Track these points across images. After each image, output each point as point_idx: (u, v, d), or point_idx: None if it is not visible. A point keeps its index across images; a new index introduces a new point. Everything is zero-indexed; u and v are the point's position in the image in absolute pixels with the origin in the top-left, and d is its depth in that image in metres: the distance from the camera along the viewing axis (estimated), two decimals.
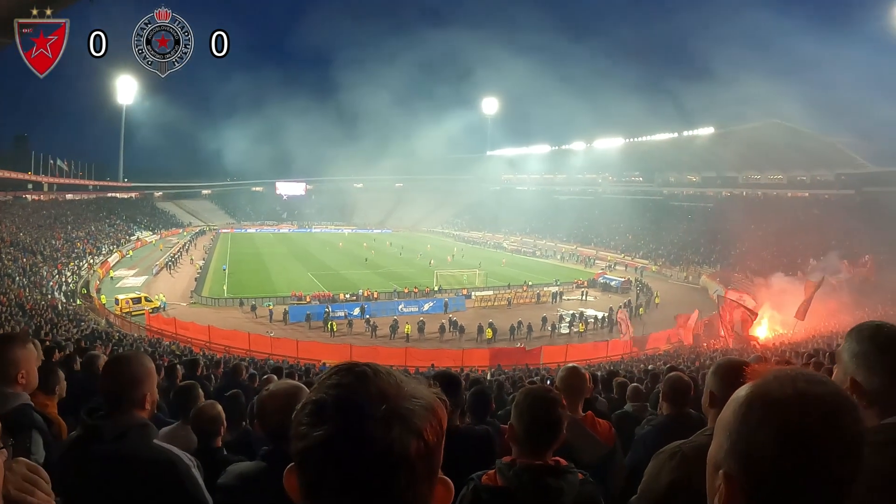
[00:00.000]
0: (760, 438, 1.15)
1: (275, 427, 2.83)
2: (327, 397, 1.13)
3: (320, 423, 1.10)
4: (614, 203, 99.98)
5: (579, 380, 4.24)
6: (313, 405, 1.14)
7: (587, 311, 48.90)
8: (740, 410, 1.22)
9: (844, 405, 1.18)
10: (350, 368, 1.19)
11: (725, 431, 1.24)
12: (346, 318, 43.68)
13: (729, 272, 61.66)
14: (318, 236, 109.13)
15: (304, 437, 1.12)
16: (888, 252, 49.15)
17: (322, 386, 1.17)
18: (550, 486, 2.70)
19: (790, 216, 69.31)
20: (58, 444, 3.29)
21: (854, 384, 1.99)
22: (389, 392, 1.15)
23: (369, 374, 1.17)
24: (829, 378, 1.26)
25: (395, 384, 1.17)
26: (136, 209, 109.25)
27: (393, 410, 1.12)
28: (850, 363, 2.04)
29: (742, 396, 1.24)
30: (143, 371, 2.97)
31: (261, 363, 23.93)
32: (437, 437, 1.17)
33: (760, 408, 1.18)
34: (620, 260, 78.08)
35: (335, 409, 1.11)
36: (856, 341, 2.05)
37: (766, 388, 1.21)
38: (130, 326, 38.98)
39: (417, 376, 1.32)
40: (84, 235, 75.42)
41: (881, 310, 39.50)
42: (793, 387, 1.19)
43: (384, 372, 1.19)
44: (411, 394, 1.17)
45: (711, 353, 30.94)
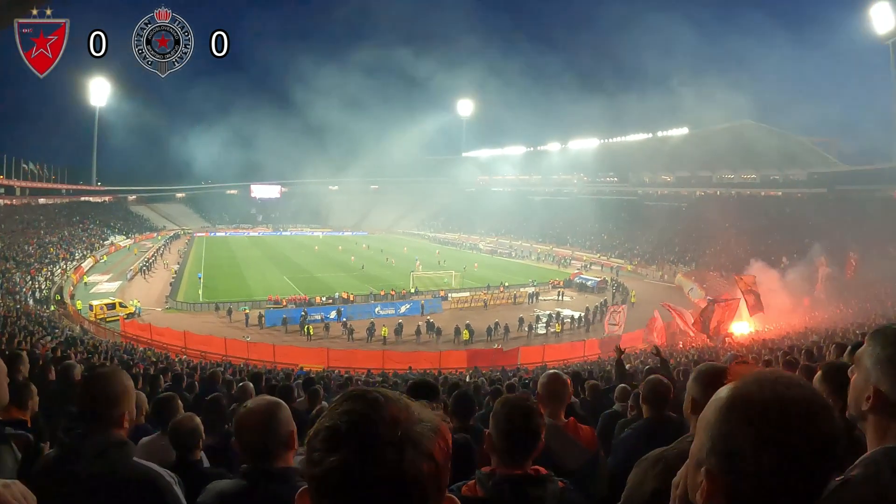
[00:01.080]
0: (740, 438, 1.23)
1: (252, 445, 2.78)
2: (341, 423, 1.15)
3: (335, 450, 1.12)
4: (589, 203, 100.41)
5: (561, 386, 4.23)
6: (327, 432, 1.16)
7: (563, 311, 49.09)
8: (721, 411, 1.28)
9: (819, 407, 1.25)
10: (362, 395, 1.21)
11: (707, 431, 1.30)
12: (323, 321, 43.49)
13: (704, 271, 62.19)
14: (292, 239, 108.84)
15: (319, 463, 1.14)
16: (860, 249, 49.74)
17: (334, 413, 1.19)
18: (531, 495, 2.70)
19: (764, 215, 69.98)
20: (33, 460, 3.23)
21: (877, 394, 1.77)
22: (401, 417, 1.17)
23: (381, 401, 1.19)
24: (806, 381, 1.32)
25: (404, 409, 1.20)
26: (109, 213, 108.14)
27: (405, 434, 1.14)
28: (873, 370, 1.81)
29: (723, 397, 1.30)
30: (122, 388, 2.93)
31: (239, 368, 23.80)
32: (445, 458, 1.20)
33: (741, 409, 1.25)
34: (596, 260, 78.46)
35: (349, 434, 1.13)
36: (881, 345, 1.81)
37: (747, 390, 1.28)
38: (105, 333, 38.48)
39: (422, 403, 1.32)
40: (57, 240, 74.54)
41: (855, 306, 40.01)
42: (772, 389, 1.25)
43: (394, 398, 1.22)
44: (420, 418, 1.20)
45: (686, 351, 31.11)
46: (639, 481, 2.81)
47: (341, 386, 13.51)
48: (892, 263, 43.97)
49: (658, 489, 2.69)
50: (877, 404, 1.77)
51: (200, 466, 4.16)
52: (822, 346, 16.57)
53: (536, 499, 2.69)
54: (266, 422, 2.77)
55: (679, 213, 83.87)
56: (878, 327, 1.91)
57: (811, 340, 24.10)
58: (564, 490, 2.78)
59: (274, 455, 2.76)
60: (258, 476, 2.75)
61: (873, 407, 1.78)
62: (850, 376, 1.98)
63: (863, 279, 43.56)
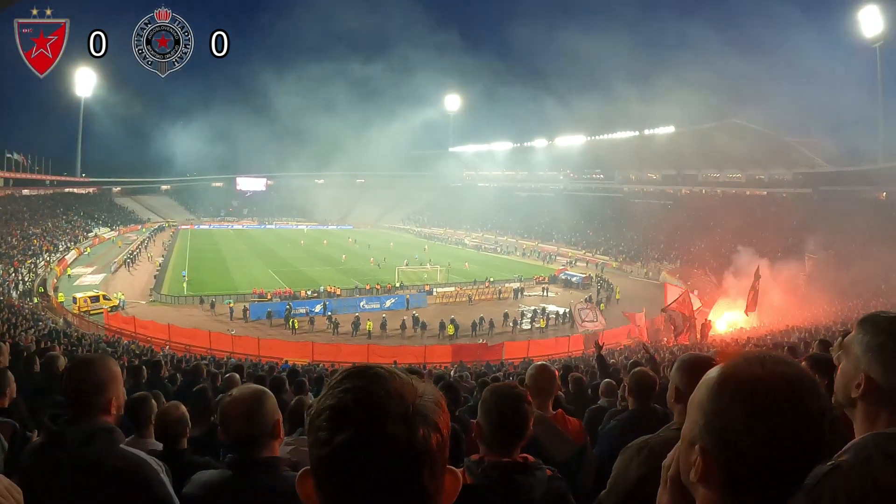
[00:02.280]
0: (732, 414, 1.26)
1: (238, 434, 2.78)
2: (347, 401, 1.12)
3: (343, 428, 1.10)
4: (575, 200, 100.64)
5: (549, 378, 4.24)
6: (332, 411, 1.13)
7: (548, 307, 49.23)
8: (713, 390, 1.31)
9: (807, 383, 1.28)
10: (363, 371, 1.19)
11: (700, 409, 1.33)
12: (308, 315, 43.38)
13: (688, 268, 62.51)
14: (277, 232, 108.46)
15: (327, 442, 1.10)
16: (845, 249, 50.08)
17: (335, 391, 1.16)
18: (519, 482, 2.71)
19: (748, 214, 70.30)
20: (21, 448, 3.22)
21: (868, 381, 1.78)
22: (405, 390, 1.16)
23: (384, 375, 1.17)
24: (792, 359, 1.35)
25: (407, 382, 1.18)
26: (93, 205, 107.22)
27: (413, 407, 1.13)
28: (863, 357, 1.81)
29: (714, 377, 1.33)
30: (109, 374, 2.91)
31: (222, 362, 23.72)
32: (448, 429, 1.20)
33: (732, 386, 1.28)
34: (581, 256, 78.60)
35: (357, 411, 1.10)
36: (871, 333, 1.81)
37: (737, 369, 1.31)
38: (89, 325, 38.26)
39: (418, 377, 1.30)
40: (41, 232, 73.80)
41: (839, 305, 40.26)
42: (761, 367, 1.29)
43: (395, 372, 1.20)
44: (422, 391, 1.19)
45: (671, 348, 31.23)
46: (623, 468, 2.83)
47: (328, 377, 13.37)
48: (875, 264, 44.30)
49: (642, 476, 2.71)
50: (867, 391, 1.78)
51: (187, 456, 4.14)
52: (807, 342, 16.67)
53: (524, 486, 2.70)
54: (251, 411, 2.77)
55: (664, 210, 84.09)
56: (868, 315, 1.91)
57: (795, 338, 24.28)
58: (552, 478, 2.79)
59: (259, 444, 2.76)
60: (243, 465, 2.76)
61: (864, 393, 1.79)
62: (837, 364, 1.98)
63: (847, 279, 43.83)
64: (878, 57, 65.57)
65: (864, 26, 64.91)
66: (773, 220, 65.97)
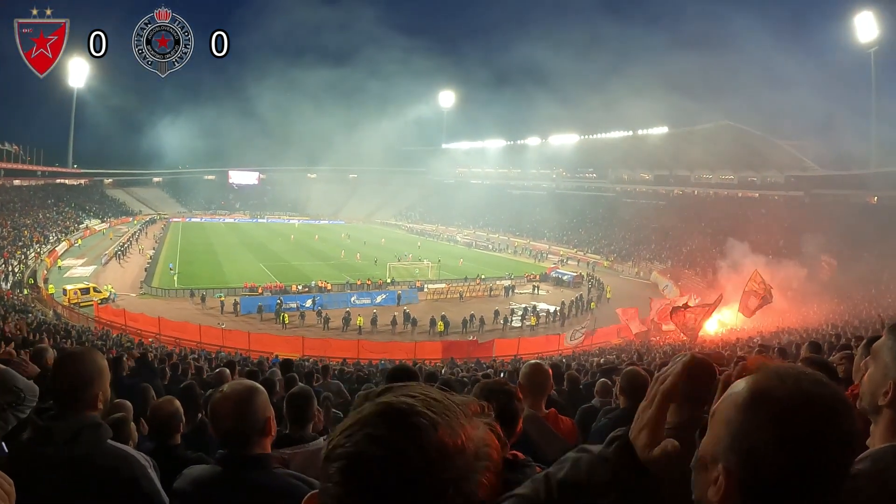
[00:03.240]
0: (764, 436, 1.16)
1: (228, 430, 2.75)
2: (369, 455, 0.92)
3: (357, 492, 0.91)
4: (568, 198, 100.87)
5: (542, 376, 4.23)
6: (349, 461, 0.93)
7: (539, 304, 49.32)
8: (743, 407, 1.22)
9: (843, 406, 1.20)
10: (403, 419, 0.95)
11: (726, 426, 1.24)
12: (299, 309, 43.35)
13: (679, 268, 62.70)
14: (269, 226, 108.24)
15: (336, 500, 0.93)
16: (836, 252, 50.27)
17: (359, 433, 0.95)
18: (509, 480, 2.68)
19: (740, 215, 70.47)
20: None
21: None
22: (449, 448, 0.94)
23: (427, 429, 0.94)
24: (827, 378, 1.26)
25: (456, 432, 0.96)
26: (85, 196, 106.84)
27: (454, 477, 0.93)
28: (892, 364, 1.79)
29: (744, 393, 1.24)
30: (95, 369, 2.89)
31: (212, 356, 23.68)
32: (494, 492, 1.02)
33: (765, 406, 1.19)
34: (572, 255, 78.63)
35: (379, 476, 0.91)
36: None
37: (770, 386, 1.22)
38: (79, 318, 38.15)
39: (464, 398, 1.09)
40: (31, 223, 73.54)
41: (827, 307, 40.39)
42: (797, 387, 1.20)
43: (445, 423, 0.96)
44: (476, 452, 0.97)
45: (662, 347, 31.34)
46: None
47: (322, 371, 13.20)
48: (866, 267, 44.52)
49: None
50: (894, 398, 1.76)
51: (179, 451, 4.12)
52: (798, 344, 16.72)
53: (514, 484, 2.68)
54: (241, 407, 2.75)
55: (656, 210, 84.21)
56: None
57: (785, 340, 24.36)
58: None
59: (250, 441, 2.74)
60: (234, 462, 2.74)
61: (891, 401, 1.77)
62: (865, 370, 1.96)
63: (837, 282, 44.00)
64: (873, 62, 65.80)
65: (859, 32, 65.17)
66: (765, 222, 66.14)
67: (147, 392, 6.33)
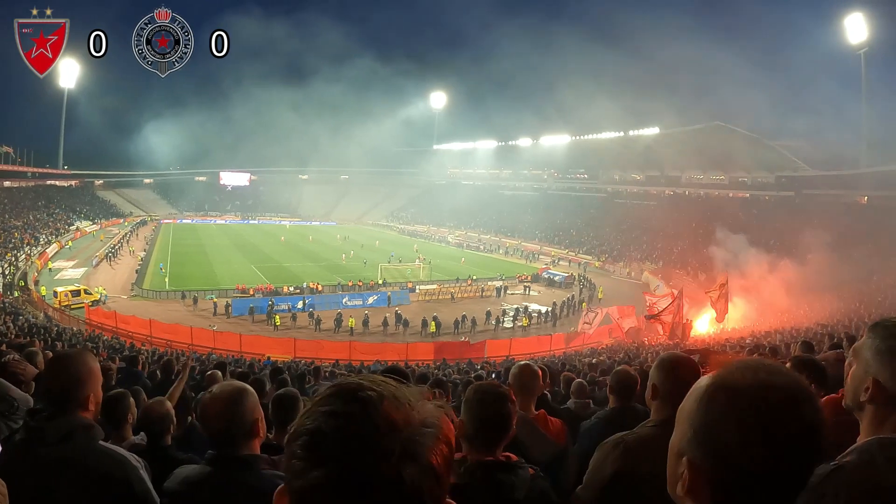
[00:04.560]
0: (724, 427, 1.19)
1: (217, 431, 2.77)
2: (326, 429, 1.01)
3: (319, 462, 0.98)
4: (559, 199, 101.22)
5: (532, 378, 4.23)
6: (309, 437, 1.01)
7: (531, 305, 49.35)
8: (703, 400, 1.25)
9: (804, 393, 1.22)
10: (353, 393, 1.05)
11: (688, 420, 1.27)
12: (290, 311, 43.27)
13: (670, 269, 62.84)
14: (261, 228, 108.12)
15: (301, 475, 1.00)
16: (826, 252, 50.43)
17: (318, 412, 1.04)
18: (502, 481, 2.70)
19: (731, 216, 70.71)
20: None
21: (876, 385, 1.84)
22: (399, 420, 1.02)
23: (374, 401, 1.03)
24: (787, 368, 1.29)
25: (403, 408, 1.05)
26: (75, 198, 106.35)
27: (404, 445, 1.00)
28: (872, 361, 1.87)
29: (704, 386, 1.27)
30: (87, 370, 2.90)
31: (203, 357, 23.63)
32: (448, 465, 1.07)
33: (724, 397, 1.22)
34: (564, 255, 78.67)
35: (336, 445, 0.99)
36: (881, 337, 1.87)
37: (729, 378, 1.24)
38: (69, 320, 37.98)
39: (418, 387, 1.15)
40: (22, 225, 73.11)
41: (818, 306, 40.50)
42: (754, 377, 1.22)
43: (390, 395, 1.06)
44: (422, 421, 1.05)
45: (653, 347, 31.38)
46: (599, 464, 2.86)
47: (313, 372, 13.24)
48: (856, 267, 44.66)
49: (617, 471, 2.74)
50: (875, 394, 1.83)
51: (171, 452, 4.12)
52: (788, 344, 16.77)
53: (507, 485, 2.70)
54: (231, 408, 2.76)
55: (648, 211, 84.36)
56: (878, 320, 1.96)
57: (777, 340, 24.45)
58: (535, 477, 2.79)
59: (239, 441, 2.76)
60: (223, 462, 2.75)
61: (872, 397, 1.84)
62: (849, 368, 2.02)
63: (828, 282, 44.13)
64: (863, 63, 66.25)
65: (850, 33, 65.71)
66: (756, 222, 66.39)
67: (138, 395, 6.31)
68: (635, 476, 2.63)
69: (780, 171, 74.41)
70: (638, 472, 2.61)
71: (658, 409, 3.06)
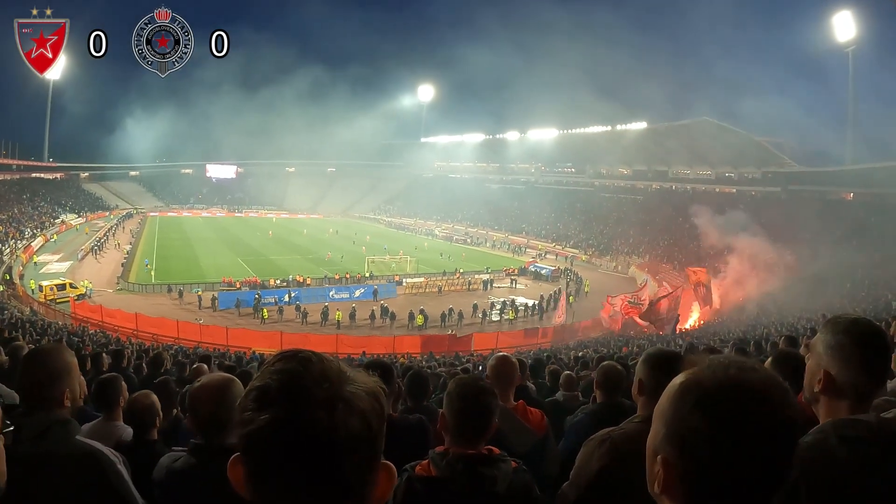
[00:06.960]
0: (694, 424, 1.20)
1: (205, 420, 2.78)
2: (272, 382, 1.14)
3: (265, 408, 1.11)
4: (546, 193, 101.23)
5: (509, 368, 4.24)
6: (258, 391, 1.14)
7: (518, 298, 49.44)
8: (674, 397, 1.26)
9: (775, 390, 1.22)
10: (294, 354, 1.20)
11: (662, 419, 1.28)
12: (277, 304, 43.21)
13: (657, 262, 63.11)
14: (247, 220, 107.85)
15: (250, 422, 1.12)
16: (812, 248, 50.72)
17: (266, 372, 1.17)
18: (484, 474, 2.70)
19: (717, 210, 71.07)
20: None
21: (827, 376, 1.98)
22: (332, 377, 1.16)
23: (313, 360, 1.18)
24: (760, 365, 1.29)
25: (337, 370, 1.18)
26: (61, 191, 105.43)
27: (337, 394, 1.13)
28: (824, 355, 2.02)
29: (676, 385, 1.28)
30: (63, 365, 2.87)
31: (189, 351, 23.56)
32: (380, 421, 1.18)
33: (694, 395, 1.22)
34: (551, 249, 78.81)
35: (280, 393, 1.12)
36: (831, 333, 2.02)
37: (700, 376, 1.25)
38: (55, 314, 37.78)
39: (355, 366, 1.31)
40: (6, 218, 72.28)
41: (803, 301, 40.73)
42: (725, 374, 1.23)
43: (326, 359, 1.20)
44: (353, 379, 1.18)
45: (639, 339, 31.51)
46: (585, 460, 2.85)
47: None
48: (841, 262, 44.97)
49: (603, 467, 2.74)
50: (826, 386, 1.98)
51: (157, 446, 4.10)
52: (773, 338, 16.87)
53: (489, 478, 2.70)
54: (219, 397, 2.78)
55: (634, 205, 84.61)
56: (831, 317, 2.09)
57: (759, 333, 24.62)
58: (517, 470, 2.79)
59: (226, 431, 2.75)
60: (209, 451, 2.75)
61: (823, 388, 1.99)
62: (807, 363, 2.14)
63: (812, 277, 44.42)
64: (850, 61, 66.74)
65: (837, 31, 66.27)
66: (742, 217, 66.73)
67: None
68: (622, 472, 2.64)
69: (767, 166, 74.70)
70: (624, 469, 2.61)
71: (644, 404, 3.07)
